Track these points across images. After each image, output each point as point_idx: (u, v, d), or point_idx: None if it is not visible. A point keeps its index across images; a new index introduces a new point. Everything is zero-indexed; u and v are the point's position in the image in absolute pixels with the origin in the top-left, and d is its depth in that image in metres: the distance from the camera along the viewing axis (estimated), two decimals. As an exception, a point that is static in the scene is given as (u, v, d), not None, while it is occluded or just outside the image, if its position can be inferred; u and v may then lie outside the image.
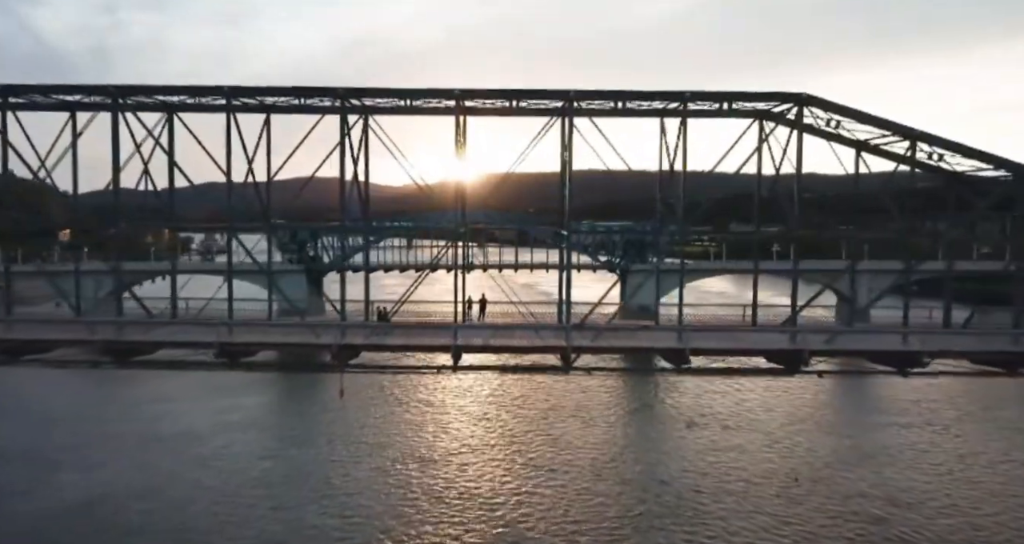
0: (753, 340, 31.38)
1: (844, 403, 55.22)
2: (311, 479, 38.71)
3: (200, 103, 33.52)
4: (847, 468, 41.31)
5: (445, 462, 41.29)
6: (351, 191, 33.45)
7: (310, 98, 32.50)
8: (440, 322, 35.26)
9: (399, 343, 30.08)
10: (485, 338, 30.98)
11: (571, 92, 30.52)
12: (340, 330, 30.31)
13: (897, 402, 53.89)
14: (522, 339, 30.83)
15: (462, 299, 35.59)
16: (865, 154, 33.47)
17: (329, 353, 29.12)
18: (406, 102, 33.16)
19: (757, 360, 31.84)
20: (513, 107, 33.25)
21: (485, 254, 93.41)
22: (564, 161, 33.17)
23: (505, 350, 30.18)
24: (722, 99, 31.91)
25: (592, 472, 39.98)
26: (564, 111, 33.25)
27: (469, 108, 34.13)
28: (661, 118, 34.26)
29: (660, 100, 31.77)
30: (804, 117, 31.37)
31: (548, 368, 30.87)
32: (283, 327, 31.75)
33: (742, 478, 39.52)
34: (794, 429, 47.15)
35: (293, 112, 34.16)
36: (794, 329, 31.05)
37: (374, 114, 34.57)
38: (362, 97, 32.03)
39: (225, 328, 30.54)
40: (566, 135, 31.94)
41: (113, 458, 41.69)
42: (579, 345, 29.44)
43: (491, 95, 31.75)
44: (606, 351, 30.16)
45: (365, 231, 39.14)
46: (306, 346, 30.07)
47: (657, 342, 30.19)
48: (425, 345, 29.97)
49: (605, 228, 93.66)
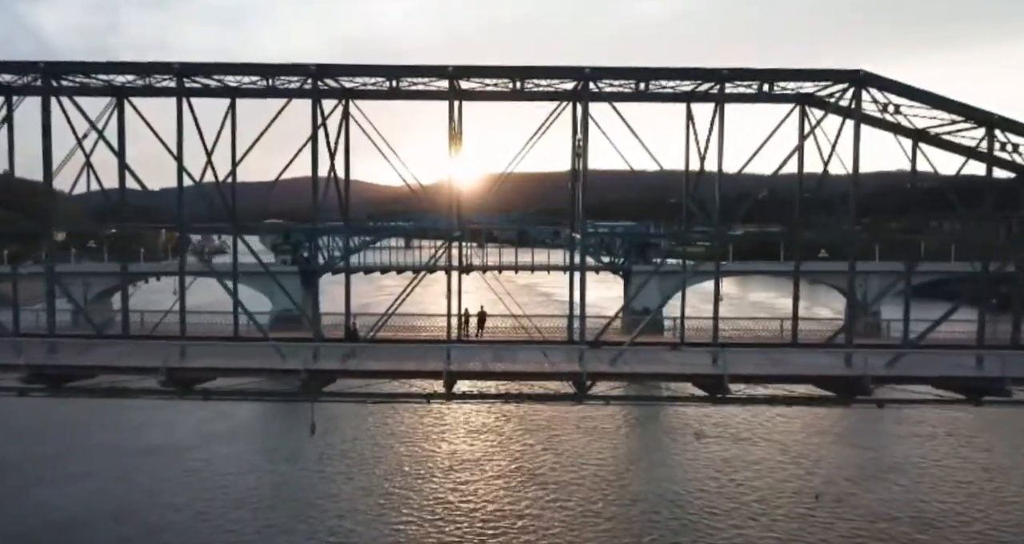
0: (800, 362, 26.60)
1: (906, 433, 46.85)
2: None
3: (152, 86, 28.76)
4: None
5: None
6: (326, 188, 28.74)
7: (278, 78, 27.67)
8: (432, 338, 30.51)
9: (381, 368, 25.27)
10: (484, 361, 26.20)
11: (586, 70, 25.69)
12: (311, 352, 25.56)
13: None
14: (527, 361, 26.06)
15: (458, 311, 30.94)
16: (924, 145, 28.87)
17: (298, 380, 24.39)
18: (392, 84, 28.36)
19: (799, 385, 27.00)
20: (517, 90, 28.46)
21: (485, 255, 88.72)
22: (577, 152, 28.45)
23: (508, 376, 25.41)
24: (763, 79, 27.12)
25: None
26: (577, 95, 28.52)
27: (466, 91, 29.40)
28: (688, 103, 29.54)
29: (691, 79, 26.95)
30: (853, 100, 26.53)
31: (558, 396, 26.07)
32: (245, 347, 26.92)
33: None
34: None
35: (262, 96, 29.40)
36: (847, 347, 26.29)
37: (356, 99, 29.94)
38: (338, 76, 27.19)
39: (177, 349, 25.81)
40: (579, 122, 27.23)
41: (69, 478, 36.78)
42: (596, 371, 24.68)
43: (491, 73, 26.98)
44: (629, 378, 25.37)
45: (346, 233, 34.47)
46: (270, 372, 25.25)
47: (689, 366, 25.38)
48: (412, 371, 25.17)
49: (609, 229, 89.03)
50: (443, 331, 29.77)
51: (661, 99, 29.50)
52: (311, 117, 26.56)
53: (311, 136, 26.66)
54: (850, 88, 26.21)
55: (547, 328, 32.40)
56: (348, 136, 30.28)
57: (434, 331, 31.87)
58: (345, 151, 30.63)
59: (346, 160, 30.88)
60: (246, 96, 29.72)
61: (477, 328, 31.76)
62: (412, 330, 32.23)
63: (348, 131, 30.30)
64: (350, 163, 30.72)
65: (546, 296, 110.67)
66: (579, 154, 28.55)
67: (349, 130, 30.23)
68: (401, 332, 31.97)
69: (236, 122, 29.82)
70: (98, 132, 27.50)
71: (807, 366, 26.08)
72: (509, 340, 30.37)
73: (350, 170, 31.11)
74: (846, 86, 26.35)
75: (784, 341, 31.01)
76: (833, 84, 26.86)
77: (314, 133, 26.68)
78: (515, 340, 30.09)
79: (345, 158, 30.85)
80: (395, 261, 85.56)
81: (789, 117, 28.57)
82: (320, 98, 27.10)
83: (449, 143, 27.57)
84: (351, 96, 29.73)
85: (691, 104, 29.46)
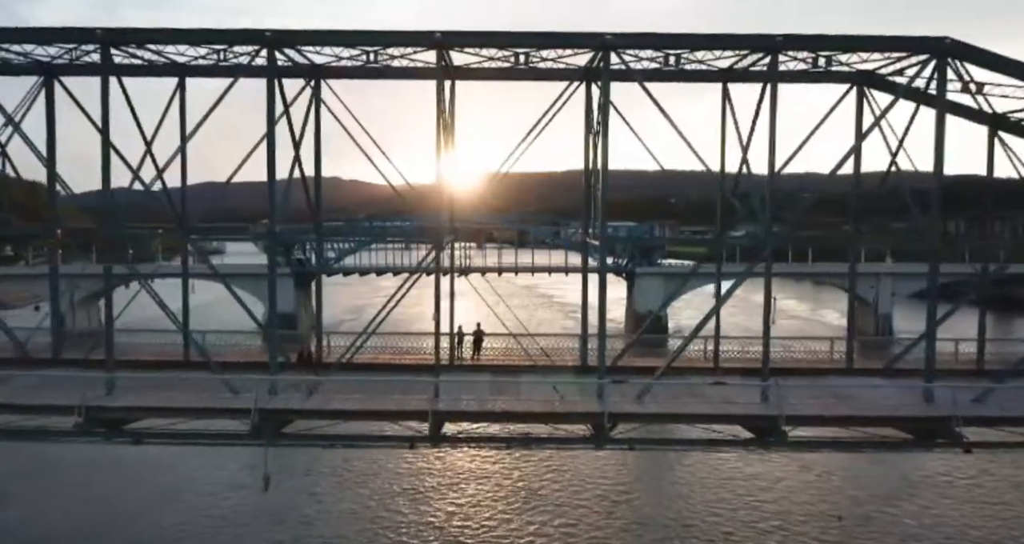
0: (868, 398, 21.69)
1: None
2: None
3: (78, 63, 23.86)
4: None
5: None
6: (287, 186, 23.84)
7: (229, 47, 22.72)
8: (419, 362, 25.58)
9: (352, 407, 20.34)
10: (480, 397, 21.25)
11: (607, 36, 20.67)
12: (267, 386, 20.65)
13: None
14: (533, 398, 21.11)
15: (450, 329, 26.04)
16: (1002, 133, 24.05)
17: (250, 421, 19.51)
18: (369, 57, 23.42)
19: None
20: (519, 66, 23.54)
21: (484, 256, 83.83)
22: (594, 142, 23.64)
23: (510, 418, 20.48)
24: (822, 49, 22.19)
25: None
26: (591, 72, 23.65)
27: (458, 69, 24.52)
28: (724, 83, 24.65)
29: (736, 49, 22.00)
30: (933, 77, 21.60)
31: (572, 440, 21.13)
32: (187, 379, 21.94)
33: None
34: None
35: (210, 74, 24.51)
36: (929, 383, 21.37)
37: (328, 78, 25.03)
38: (301, 45, 22.23)
39: (102, 383, 20.89)
40: (598, 102, 22.39)
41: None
42: (621, 412, 19.77)
43: (487, 41, 22.02)
44: (662, 420, 20.43)
45: (318, 237, 29.54)
46: (214, 412, 20.27)
47: (735, 406, 20.43)
48: (390, 411, 20.18)
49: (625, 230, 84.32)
50: (433, 351, 24.92)
51: (693, 78, 24.65)
52: (267, 99, 21.54)
53: (269, 122, 21.67)
54: (930, 61, 21.26)
55: (555, 349, 27.49)
56: (319, 123, 25.48)
57: (421, 353, 26.93)
58: (316, 142, 25.83)
59: (316, 152, 26.07)
60: (197, 74, 24.92)
61: (473, 350, 26.81)
62: (396, 352, 27.24)
63: (319, 117, 25.48)
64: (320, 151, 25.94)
65: (547, 297, 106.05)
66: (595, 143, 23.71)
67: (320, 116, 25.45)
68: (383, 354, 27.03)
69: (185, 106, 25.06)
70: (8, 118, 22.60)
71: (878, 404, 21.18)
72: (510, 365, 25.49)
73: (321, 165, 26.34)
74: (925, 59, 21.41)
75: (836, 364, 26.16)
76: (907, 57, 21.94)
77: (271, 117, 21.68)
78: (517, 365, 25.21)
79: (316, 150, 26.06)
80: (391, 263, 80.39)
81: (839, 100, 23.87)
82: (279, 76, 22.17)
83: (438, 132, 22.64)
84: (321, 75, 24.92)
85: (727, 83, 24.65)
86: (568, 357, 26.69)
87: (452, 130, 25.64)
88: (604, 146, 21.35)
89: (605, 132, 21.26)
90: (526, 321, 75.37)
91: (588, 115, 24.87)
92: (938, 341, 23.24)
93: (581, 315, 24.85)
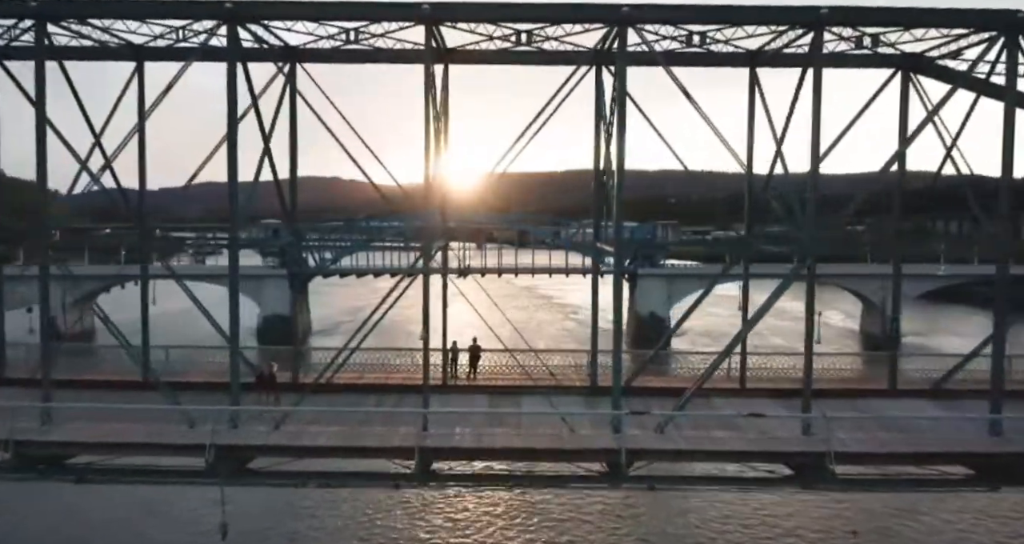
0: (923, 429, 18.72)
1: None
2: None
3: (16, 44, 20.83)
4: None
5: None
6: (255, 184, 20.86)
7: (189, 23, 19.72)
8: (407, 382, 22.62)
9: (326, 443, 17.34)
10: (476, 428, 18.26)
11: (624, 8, 17.65)
12: (226, 419, 17.69)
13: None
14: (538, 430, 18.15)
15: (443, 345, 23.16)
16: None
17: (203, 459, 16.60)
18: (349, 37, 20.43)
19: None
20: (521, 47, 20.58)
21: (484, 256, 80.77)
22: (607, 131, 20.74)
23: (510, 455, 17.51)
24: (867, 24, 19.22)
25: None
26: (600, 56, 20.78)
27: (452, 53, 21.62)
28: (752, 67, 21.72)
29: (773, 24, 19.03)
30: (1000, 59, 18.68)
31: (583, 478, 18.16)
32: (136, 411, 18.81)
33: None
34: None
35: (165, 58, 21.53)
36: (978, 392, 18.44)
37: (305, 61, 22.12)
38: (264, 19, 19.24)
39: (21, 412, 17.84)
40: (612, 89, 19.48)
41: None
42: (639, 448, 16.83)
43: (483, 14, 18.96)
44: (689, 457, 17.47)
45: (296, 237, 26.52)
46: (166, 448, 17.31)
47: (773, 439, 17.44)
48: (369, 448, 17.18)
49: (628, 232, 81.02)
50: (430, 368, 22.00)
51: (718, 62, 21.73)
52: (227, 85, 18.48)
53: (230, 113, 18.64)
54: (997, 40, 18.30)
55: (560, 365, 24.58)
56: (294, 113, 22.57)
57: (410, 371, 23.99)
58: (291, 134, 22.92)
59: (292, 146, 23.16)
60: (156, 57, 21.95)
61: (469, 368, 23.84)
62: (383, 369, 24.26)
63: (294, 106, 22.57)
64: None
65: (547, 298, 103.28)
66: (608, 133, 20.81)
67: (296, 105, 22.54)
68: (369, 372, 24.09)
69: (144, 94, 22.12)
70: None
71: (935, 435, 18.18)
72: (510, 386, 22.56)
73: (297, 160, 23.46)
74: (990, 37, 18.46)
75: (875, 384, 23.25)
76: (969, 35, 19.01)
77: (232, 106, 18.66)
78: (518, 386, 22.23)
79: (291, 143, 23.15)
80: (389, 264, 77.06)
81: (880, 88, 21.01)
82: (244, 59, 19.18)
83: (427, 121, 19.56)
84: (297, 58, 22.00)
85: (755, 68, 21.74)
86: (575, 375, 23.84)
87: (445, 121, 22.78)
88: (620, 138, 18.34)
89: (622, 123, 18.25)
90: (526, 322, 72.35)
91: (599, 104, 21.96)
92: (979, 357, 20.53)
93: (592, 332, 21.86)
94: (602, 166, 22.54)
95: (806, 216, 17.87)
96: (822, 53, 18.28)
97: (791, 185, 20.66)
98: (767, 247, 22.68)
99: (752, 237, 22.21)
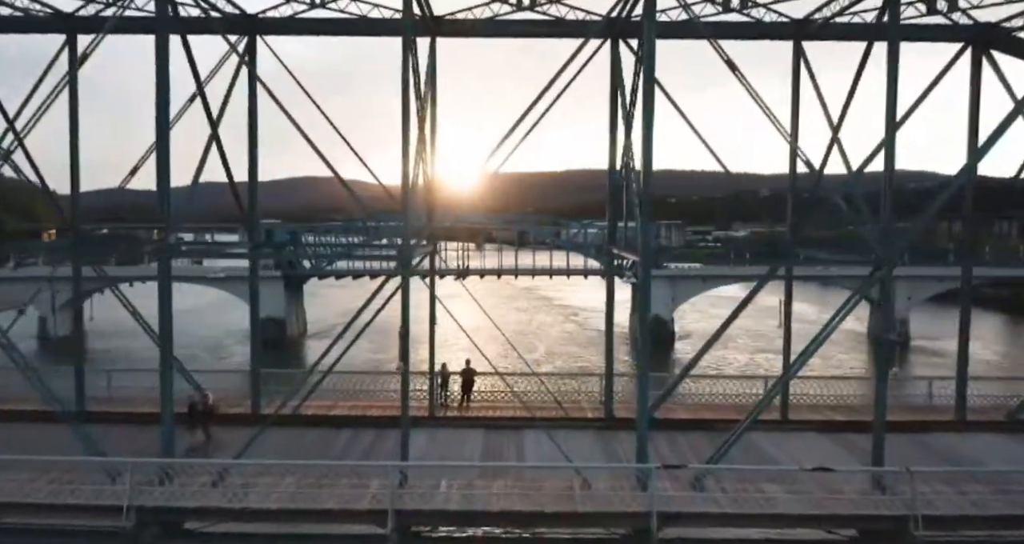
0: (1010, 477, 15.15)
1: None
2: None
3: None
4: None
5: None
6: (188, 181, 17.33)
7: None
8: (386, 414, 19.02)
9: (275, 505, 13.76)
10: (466, 483, 14.64)
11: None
12: (153, 469, 14.13)
13: None
14: (544, 485, 14.61)
15: (430, 368, 19.68)
16: None
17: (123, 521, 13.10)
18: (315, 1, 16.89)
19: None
20: (523, 10, 17.07)
21: (483, 257, 77.61)
22: (624, 113, 17.25)
23: (509, 520, 13.90)
24: None
25: None
26: (616, 27, 17.33)
27: (440, 23, 18.16)
28: (796, 41, 18.26)
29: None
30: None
31: (602, 542, 14.61)
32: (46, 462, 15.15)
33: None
34: None
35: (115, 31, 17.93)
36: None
37: (267, 33, 18.60)
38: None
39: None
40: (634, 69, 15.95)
41: None
42: (674, 511, 13.30)
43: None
44: (737, 522, 13.88)
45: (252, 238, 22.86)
46: (73, 509, 13.76)
47: (836, 500, 13.83)
48: (332, 510, 13.60)
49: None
50: (415, 395, 18.57)
51: (756, 34, 18.24)
52: (156, 60, 14.84)
53: (159, 91, 15.02)
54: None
55: (569, 390, 21.13)
56: (254, 96, 18.99)
57: (393, 399, 20.42)
58: (250, 121, 19.37)
59: (251, 135, 19.59)
60: (90, 30, 18.36)
61: (461, 395, 20.32)
62: (356, 396, 20.72)
63: (253, 89, 19.00)
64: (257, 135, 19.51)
65: (547, 300, 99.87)
66: (628, 118, 17.29)
67: (255, 87, 18.96)
68: (344, 399, 20.58)
69: (76, 75, 18.56)
70: None
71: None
72: (509, 417, 19.07)
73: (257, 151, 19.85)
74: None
75: (936, 413, 19.79)
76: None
77: (162, 84, 15.07)
78: (519, 418, 18.69)
79: (250, 131, 19.59)
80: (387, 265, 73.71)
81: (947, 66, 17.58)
82: (181, 32, 15.63)
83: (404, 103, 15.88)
84: (257, 29, 18.48)
85: (800, 42, 18.29)
86: (586, 403, 20.36)
87: (432, 107, 19.26)
88: (647, 124, 14.70)
89: (649, 104, 14.61)
90: (526, 324, 68.74)
91: (615, 85, 18.41)
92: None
93: (606, 353, 18.34)
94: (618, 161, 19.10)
95: (880, 217, 14.34)
96: (898, 19, 14.75)
97: (836, 183, 17.29)
98: (811, 252, 19.21)
99: (796, 241, 18.67)
